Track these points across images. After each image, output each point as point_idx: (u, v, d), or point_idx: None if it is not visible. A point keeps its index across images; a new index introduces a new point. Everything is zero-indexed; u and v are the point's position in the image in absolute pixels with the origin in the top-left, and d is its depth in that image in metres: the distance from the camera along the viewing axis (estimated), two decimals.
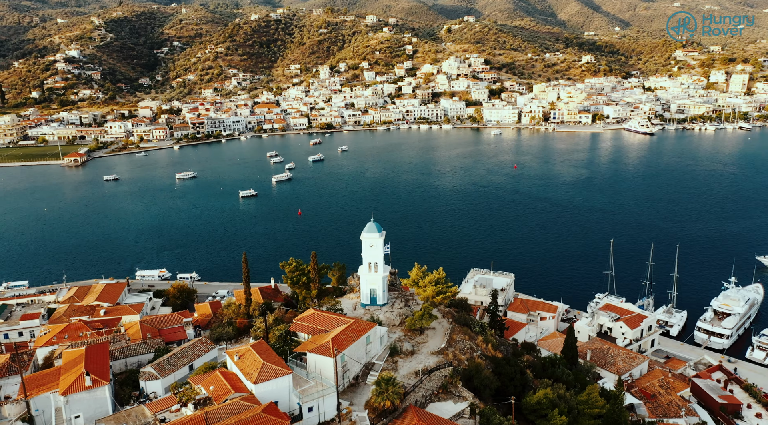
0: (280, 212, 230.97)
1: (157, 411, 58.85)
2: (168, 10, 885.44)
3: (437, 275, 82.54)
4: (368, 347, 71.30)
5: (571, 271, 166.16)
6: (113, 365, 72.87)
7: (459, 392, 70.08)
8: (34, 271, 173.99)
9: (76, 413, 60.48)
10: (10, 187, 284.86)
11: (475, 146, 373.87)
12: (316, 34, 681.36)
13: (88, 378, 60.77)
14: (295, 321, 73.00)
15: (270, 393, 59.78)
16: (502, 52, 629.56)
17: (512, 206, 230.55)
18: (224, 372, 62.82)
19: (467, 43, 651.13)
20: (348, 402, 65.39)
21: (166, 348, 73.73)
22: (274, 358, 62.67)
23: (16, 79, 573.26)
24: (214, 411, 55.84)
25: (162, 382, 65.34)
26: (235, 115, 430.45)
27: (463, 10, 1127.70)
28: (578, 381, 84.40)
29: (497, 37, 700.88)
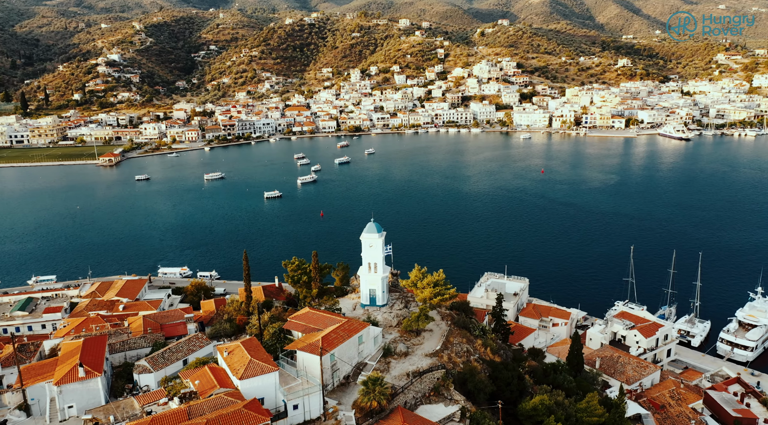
0: (302, 213, 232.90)
1: (145, 403, 59.87)
2: (206, 15, 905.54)
3: (437, 277, 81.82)
4: (360, 347, 71.13)
5: (591, 277, 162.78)
6: (113, 358, 74.60)
7: (451, 395, 69.26)
8: (62, 266, 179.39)
9: (70, 403, 61.98)
10: (47, 185, 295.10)
11: (503, 150, 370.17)
12: (348, 37, 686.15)
13: (82, 369, 62.25)
14: (290, 319, 73.45)
15: (256, 389, 60.17)
16: (535, 56, 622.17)
17: (536, 211, 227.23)
18: (213, 367, 63.58)
19: (500, 47, 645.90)
20: (336, 402, 65.32)
21: (165, 342, 75.06)
22: (262, 355, 63.08)
23: (60, 82, 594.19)
24: (197, 405, 56.54)
25: (155, 375, 66.46)
26: (265, 117, 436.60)
27: (498, 14, 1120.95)
28: (581, 388, 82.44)
29: (531, 40, 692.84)
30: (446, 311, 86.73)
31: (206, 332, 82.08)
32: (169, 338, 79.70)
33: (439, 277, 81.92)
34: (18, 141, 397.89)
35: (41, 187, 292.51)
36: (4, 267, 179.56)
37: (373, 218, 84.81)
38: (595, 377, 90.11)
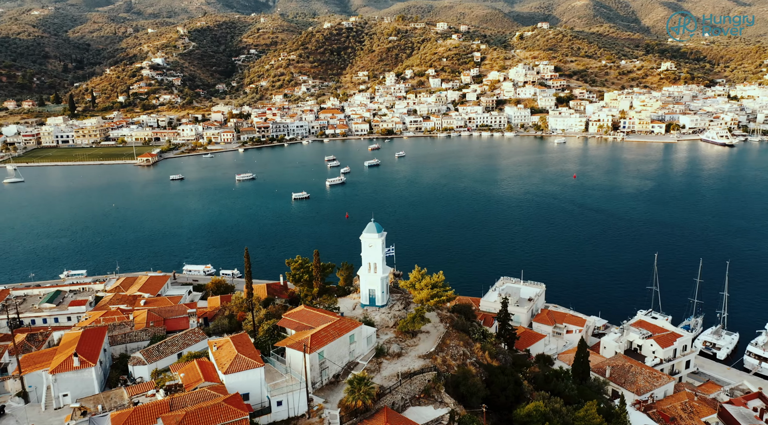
0: (328, 215, 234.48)
1: (134, 394, 61.26)
2: (248, 19, 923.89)
3: (436, 278, 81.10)
4: (352, 346, 71.09)
5: (615, 285, 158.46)
6: (114, 349, 76.60)
7: (441, 397, 68.49)
8: (93, 261, 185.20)
9: (64, 391, 63.98)
10: (87, 184, 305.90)
11: (536, 154, 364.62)
12: (385, 41, 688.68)
13: (76, 358, 64.18)
14: (284, 316, 74.00)
15: (241, 384, 60.86)
16: (574, 59, 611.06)
17: (563, 216, 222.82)
18: (202, 361, 64.60)
19: (538, 50, 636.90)
20: (323, 400, 65.47)
21: (165, 336, 76.58)
22: (249, 351, 63.76)
23: (107, 85, 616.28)
24: (180, 397, 57.50)
25: (148, 368, 67.94)
26: (299, 120, 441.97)
27: (539, 17, 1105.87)
28: (584, 396, 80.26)
29: (571, 43, 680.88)
30: (447, 313, 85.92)
31: (210, 327, 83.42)
32: (171, 332, 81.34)
33: (438, 279, 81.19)
34: (64, 141, 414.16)
35: (81, 185, 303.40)
36: (39, 261, 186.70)
37: (374, 218, 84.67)
38: (601, 386, 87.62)
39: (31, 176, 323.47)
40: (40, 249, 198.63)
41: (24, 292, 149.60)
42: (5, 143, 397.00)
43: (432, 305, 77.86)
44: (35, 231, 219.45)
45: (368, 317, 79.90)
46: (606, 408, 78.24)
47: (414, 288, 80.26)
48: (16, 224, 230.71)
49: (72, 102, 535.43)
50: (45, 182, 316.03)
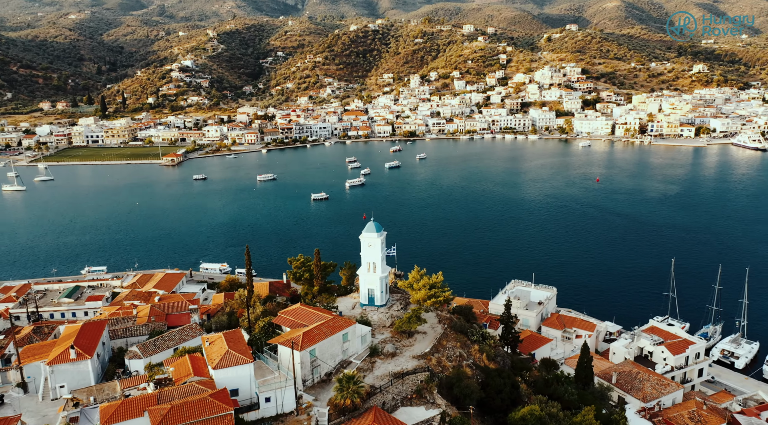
0: (346, 216, 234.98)
1: (126, 387, 62.23)
2: (276, 22, 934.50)
3: (435, 279, 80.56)
4: (345, 345, 71.00)
5: (632, 290, 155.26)
6: (115, 343, 77.98)
7: (434, 398, 67.87)
8: (114, 258, 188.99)
9: (61, 382, 65.34)
10: (114, 182, 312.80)
11: (559, 157, 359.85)
12: (411, 43, 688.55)
13: (73, 351, 65.50)
14: (279, 313, 74.39)
15: (230, 379, 61.27)
16: (603, 62, 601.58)
17: (583, 220, 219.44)
18: (193, 356, 65.28)
19: (566, 52, 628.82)
20: (313, 397, 65.51)
21: (164, 331, 77.64)
22: (240, 347, 64.18)
23: (137, 87, 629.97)
24: (168, 391, 58.22)
25: (144, 362, 68.94)
26: (323, 121, 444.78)
27: (569, 19, 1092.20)
28: (584, 402, 78.64)
29: (600, 45, 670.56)
30: (446, 314, 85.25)
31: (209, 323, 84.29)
32: (172, 327, 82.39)
33: (436, 279, 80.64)
34: (93, 141, 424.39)
35: (108, 184, 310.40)
36: (62, 257, 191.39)
37: (373, 218, 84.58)
38: (604, 391, 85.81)
39: (60, 175, 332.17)
40: (63, 246, 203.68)
41: (45, 287, 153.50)
42: (38, 143, 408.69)
43: (429, 305, 77.33)
44: (60, 228, 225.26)
45: (365, 317, 79.77)
46: (606, 414, 76.58)
47: (412, 288, 79.83)
48: (43, 221, 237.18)
49: (103, 103, 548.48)
50: (74, 180, 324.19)
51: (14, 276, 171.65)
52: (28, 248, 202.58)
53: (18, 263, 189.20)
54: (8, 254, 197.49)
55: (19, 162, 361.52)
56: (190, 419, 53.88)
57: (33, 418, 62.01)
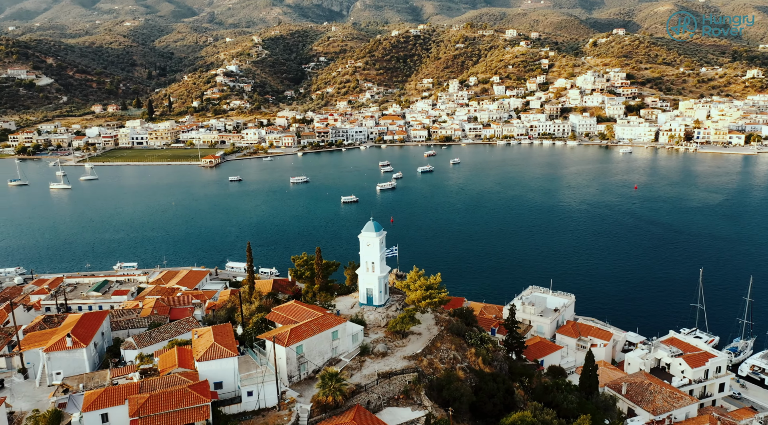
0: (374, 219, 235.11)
1: (115, 376, 63.79)
2: (320, 28, 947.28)
3: (432, 280, 79.60)
4: (335, 342, 70.90)
5: (659, 301, 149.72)
6: (117, 334, 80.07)
7: (421, 400, 66.99)
8: (145, 255, 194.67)
9: (57, 369, 67.49)
10: (154, 182, 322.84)
11: (598, 164, 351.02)
12: (452, 48, 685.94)
13: (69, 339, 67.60)
14: (273, 310, 74.91)
15: (214, 372, 61.95)
16: (649, 67, 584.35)
17: (616, 228, 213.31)
18: (182, 348, 66.37)
19: (611, 57, 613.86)
20: (298, 394, 65.59)
21: (163, 323, 79.25)
22: (227, 341, 64.82)
23: (183, 91, 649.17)
24: (151, 381, 59.41)
25: (137, 352, 70.50)
26: (359, 125, 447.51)
27: (618, 23, 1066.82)
28: (584, 410, 76.06)
29: (648, 50, 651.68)
30: (446, 316, 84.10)
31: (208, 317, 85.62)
32: (174, 320, 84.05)
33: (434, 280, 79.66)
34: (138, 142, 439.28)
35: (148, 184, 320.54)
36: (97, 253, 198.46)
37: (373, 218, 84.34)
38: (608, 401, 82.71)
39: (105, 175, 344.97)
40: (99, 242, 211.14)
41: (76, 280, 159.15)
42: (87, 144, 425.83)
43: (423, 306, 76.43)
44: (98, 225, 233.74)
45: (361, 316, 79.48)
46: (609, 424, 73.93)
47: (409, 289, 79.09)
48: (83, 219, 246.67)
49: (150, 106, 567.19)
50: (116, 180, 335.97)
51: (51, 270, 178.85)
52: (67, 244, 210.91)
53: (56, 257, 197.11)
54: (48, 249, 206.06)
55: (67, 162, 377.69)
56: (166, 408, 54.78)
57: (28, 402, 64.22)
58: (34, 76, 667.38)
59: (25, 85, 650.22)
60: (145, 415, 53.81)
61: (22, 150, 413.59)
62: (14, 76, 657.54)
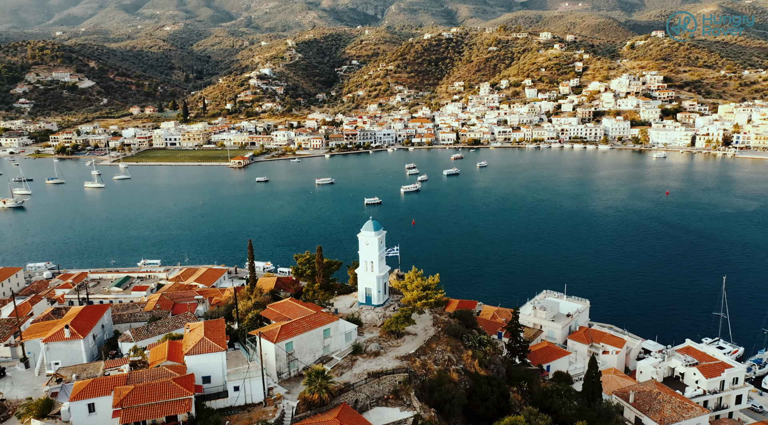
0: (396, 221, 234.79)
1: (107, 367, 64.96)
2: (353, 32, 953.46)
3: (430, 280, 78.70)
4: (326, 341, 70.72)
5: (681, 309, 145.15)
6: (119, 327, 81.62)
7: (410, 400, 66.16)
8: (168, 252, 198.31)
9: (56, 359, 69.11)
10: (184, 182, 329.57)
11: (630, 168, 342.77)
12: (485, 51, 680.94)
13: (67, 330, 69.19)
14: (268, 307, 75.21)
15: (202, 366, 62.42)
16: (688, 69, 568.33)
17: (642, 234, 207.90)
18: (173, 342, 67.17)
19: (648, 60, 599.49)
20: (286, 390, 65.58)
21: (162, 317, 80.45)
22: (217, 336, 65.28)
23: (218, 93, 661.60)
24: (138, 373, 60.25)
25: (134, 345, 71.64)
26: (388, 128, 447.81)
27: (659, 25, 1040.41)
28: (584, 418, 73.94)
29: (688, 52, 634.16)
30: (445, 318, 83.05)
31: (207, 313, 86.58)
32: (176, 315, 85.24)
33: (431, 281, 78.75)
34: (171, 143, 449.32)
35: (178, 183, 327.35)
36: (123, 249, 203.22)
37: (372, 217, 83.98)
38: (611, 409, 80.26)
39: (137, 174, 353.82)
40: (126, 239, 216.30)
41: (99, 276, 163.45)
42: (122, 144, 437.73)
43: (419, 306, 75.59)
44: (126, 223, 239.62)
45: (357, 315, 79.16)
46: None
47: (406, 289, 78.37)
48: (113, 216, 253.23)
49: (186, 108, 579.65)
50: (148, 179, 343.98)
51: (78, 265, 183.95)
52: (95, 240, 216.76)
53: (84, 253, 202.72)
54: (77, 245, 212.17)
55: (103, 162, 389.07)
56: (149, 400, 55.44)
57: (26, 391, 65.99)
58: (77, 79, 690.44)
59: (69, 87, 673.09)
60: (128, 406, 54.57)
61: (61, 150, 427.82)
62: (58, 79, 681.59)
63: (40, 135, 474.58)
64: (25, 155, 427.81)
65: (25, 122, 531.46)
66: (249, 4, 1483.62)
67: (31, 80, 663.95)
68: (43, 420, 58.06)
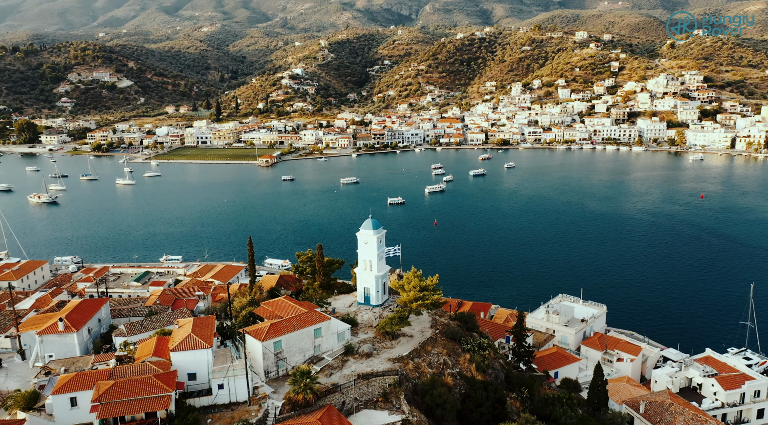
0: (418, 221, 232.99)
1: (96, 361, 64.98)
2: (386, 32, 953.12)
3: (429, 281, 76.52)
4: (317, 340, 69.37)
5: (708, 316, 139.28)
6: (119, 321, 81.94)
7: (400, 404, 64.23)
8: (191, 248, 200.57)
9: (50, 352, 69.60)
10: (211, 180, 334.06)
11: (664, 171, 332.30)
12: (518, 51, 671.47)
13: (61, 323, 69.60)
14: (262, 304, 74.38)
15: (188, 363, 61.80)
16: (731, 69, 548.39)
17: (672, 238, 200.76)
18: (162, 338, 66.85)
19: (688, 59, 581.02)
20: (272, 390, 64.51)
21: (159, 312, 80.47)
22: (205, 333, 64.62)
23: (250, 93, 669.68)
24: (122, 368, 60.04)
25: (131, 339, 71.65)
26: (416, 128, 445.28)
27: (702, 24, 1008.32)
28: None
29: (732, 52, 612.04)
30: (445, 320, 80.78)
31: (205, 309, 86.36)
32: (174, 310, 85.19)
33: (430, 282, 76.56)
34: (202, 142, 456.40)
35: (206, 181, 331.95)
36: (147, 245, 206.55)
37: (372, 215, 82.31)
38: (616, 419, 76.75)
39: (168, 172, 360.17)
40: (150, 234, 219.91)
41: (121, 270, 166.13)
42: (155, 142, 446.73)
43: (415, 307, 73.53)
44: (151, 219, 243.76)
45: (354, 315, 77.63)
46: None
47: (403, 289, 76.42)
48: (140, 212, 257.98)
49: (219, 108, 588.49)
50: (177, 177, 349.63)
51: (102, 259, 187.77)
52: (121, 235, 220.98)
53: (110, 248, 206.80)
54: (104, 239, 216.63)
55: (135, 159, 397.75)
56: (128, 396, 54.99)
57: (19, 382, 66.57)
58: (116, 78, 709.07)
59: (108, 87, 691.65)
60: (106, 401, 54.21)
61: (97, 147, 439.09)
62: (99, 78, 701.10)
63: (79, 133, 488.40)
64: (63, 153, 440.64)
65: (65, 120, 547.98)
66: (285, 5, 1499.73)
67: (72, 80, 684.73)
68: (28, 412, 58.24)
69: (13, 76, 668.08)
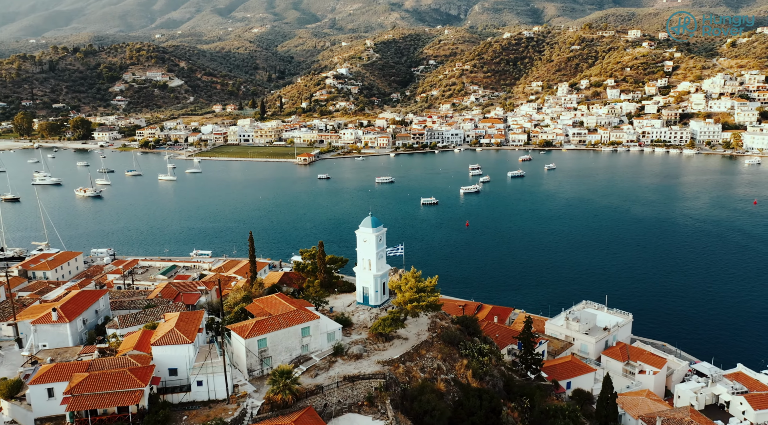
0: (450, 222, 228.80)
1: (82, 353, 64.83)
2: (432, 32, 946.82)
3: (427, 282, 73.35)
4: (305, 339, 67.39)
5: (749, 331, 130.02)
6: (119, 312, 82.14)
7: (385, 409, 61.45)
8: (222, 243, 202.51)
9: (43, 341, 70.08)
10: (250, 177, 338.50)
11: (716, 175, 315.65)
12: (567, 50, 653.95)
13: (54, 313, 69.96)
14: (254, 301, 72.94)
15: (169, 357, 60.87)
16: None
17: (719, 246, 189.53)
18: (147, 331, 66.28)
19: (750, 58, 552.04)
20: (254, 389, 62.89)
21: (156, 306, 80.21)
22: (189, 327, 63.60)
23: (295, 92, 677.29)
24: (101, 360, 59.58)
25: (119, 331, 71.46)
26: (457, 128, 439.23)
27: None
28: None
29: None
30: (445, 323, 77.36)
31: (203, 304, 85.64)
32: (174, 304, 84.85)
33: (428, 283, 73.38)
34: (245, 140, 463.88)
35: (245, 178, 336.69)
36: (179, 239, 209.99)
37: (371, 214, 79.68)
38: None
39: (209, 169, 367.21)
40: (184, 229, 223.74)
41: (149, 263, 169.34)
42: (199, 140, 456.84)
43: (409, 309, 70.48)
44: (188, 214, 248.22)
45: (349, 315, 75.24)
46: None
47: (400, 290, 73.53)
48: (178, 208, 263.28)
49: (263, 106, 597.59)
50: (218, 174, 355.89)
51: (135, 252, 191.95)
52: (156, 229, 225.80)
53: (144, 241, 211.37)
54: (140, 234, 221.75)
55: (179, 156, 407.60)
56: (100, 389, 54.34)
57: (10, 370, 67.24)
58: (167, 78, 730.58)
59: (159, 86, 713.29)
60: (78, 394, 53.67)
61: (144, 144, 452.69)
62: (151, 78, 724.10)
63: (129, 130, 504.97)
64: (112, 149, 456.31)
65: (118, 118, 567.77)
66: (334, 6, 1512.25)
67: (127, 79, 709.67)
68: (10, 401, 58.41)
69: (72, 76, 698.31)
